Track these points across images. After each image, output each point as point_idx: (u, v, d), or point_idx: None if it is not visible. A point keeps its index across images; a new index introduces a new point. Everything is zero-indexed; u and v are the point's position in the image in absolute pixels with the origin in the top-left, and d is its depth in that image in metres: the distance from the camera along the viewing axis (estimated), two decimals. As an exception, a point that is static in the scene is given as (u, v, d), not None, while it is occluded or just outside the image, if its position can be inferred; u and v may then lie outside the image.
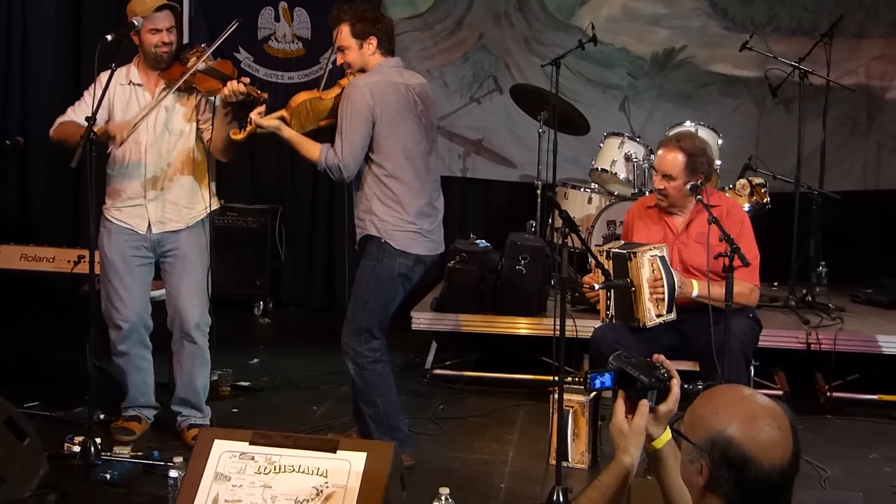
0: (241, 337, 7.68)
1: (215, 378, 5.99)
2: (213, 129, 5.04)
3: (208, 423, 5.33)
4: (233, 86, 4.85)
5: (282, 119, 4.79)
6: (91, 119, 4.71)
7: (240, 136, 4.82)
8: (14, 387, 5.29)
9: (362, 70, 4.89)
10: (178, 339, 5.24)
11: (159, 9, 5.02)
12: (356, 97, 4.73)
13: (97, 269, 5.05)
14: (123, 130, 4.94)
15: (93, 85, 4.99)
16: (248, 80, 4.91)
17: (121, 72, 5.04)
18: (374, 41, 4.86)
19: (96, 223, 5.07)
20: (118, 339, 5.20)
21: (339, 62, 4.96)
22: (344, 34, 4.86)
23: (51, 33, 8.53)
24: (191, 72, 4.94)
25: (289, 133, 4.79)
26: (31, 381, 6.11)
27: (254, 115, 4.76)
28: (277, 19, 8.74)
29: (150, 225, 5.11)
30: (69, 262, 6.81)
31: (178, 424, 5.32)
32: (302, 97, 4.86)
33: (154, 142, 5.06)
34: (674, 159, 5.05)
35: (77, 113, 5.08)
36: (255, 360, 7.00)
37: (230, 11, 8.07)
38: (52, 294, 7.51)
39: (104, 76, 4.87)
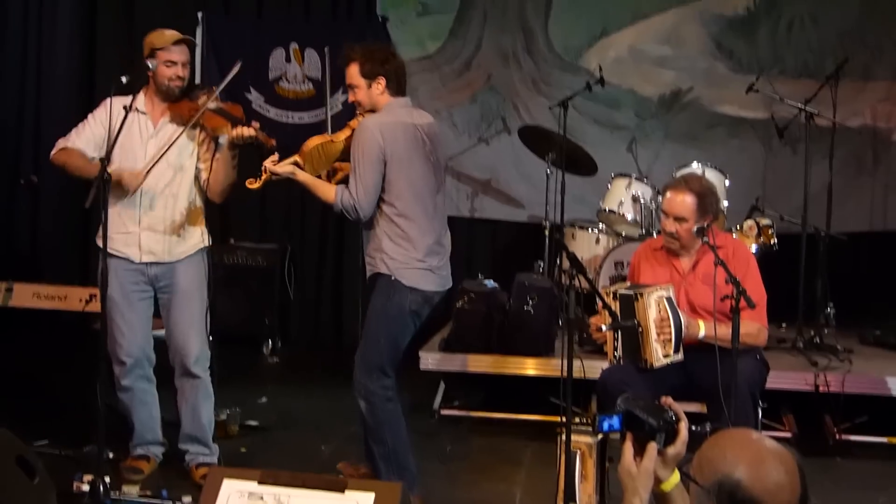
0: (249, 375, 7.69)
1: (224, 417, 5.99)
2: (211, 169, 5.08)
3: (216, 460, 5.33)
4: (241, 129, 4.89)
5: (295, 164, 4.84)
6: (105, 160, 4.73)
7: (256, 185, 4.86)
8: (24, 424, 5.29)
9: (372, 109, 4.93)
10: (180, 375, 5.25)
11: (177, 42, 5.07)
12: (367, 138, 4.77)
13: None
14: (135, 180, 4.97)
15: (101, 111, 5.03)
16: (258, 124, 4.95)
17: (126, 98, 5.00)
18: (382, 81, 4.90)
19: (106, 261, 5.09)
20: (122, 374, 5.21)
21: (349, 100, 5.02)
22: (353, 73, 4.91)
23: (64, 72, 8.61)
24: (202, 110, 4.98)
25: (303, 177, 4.84)
26: (42, 418, 6.11)
27: (268, 164, 4.80)
28: (288, 60, 8.82)
29: (141, 255, 5.11)
30: (81, 300, 6.89)
31: (187, 463, 5.32)
32: (314, 142, 4.91)
33: (153, 173, 5.05)
34: (684, 201, 5.06)
35: (81, 139, 5.09)
36: (264, 399, 7.00)
37: (241, 53, 8.15)
38: (63, 331, 7.55)
39: (108, 102, 4.92)
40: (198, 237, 5.21)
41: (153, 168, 5.00)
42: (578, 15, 8.64)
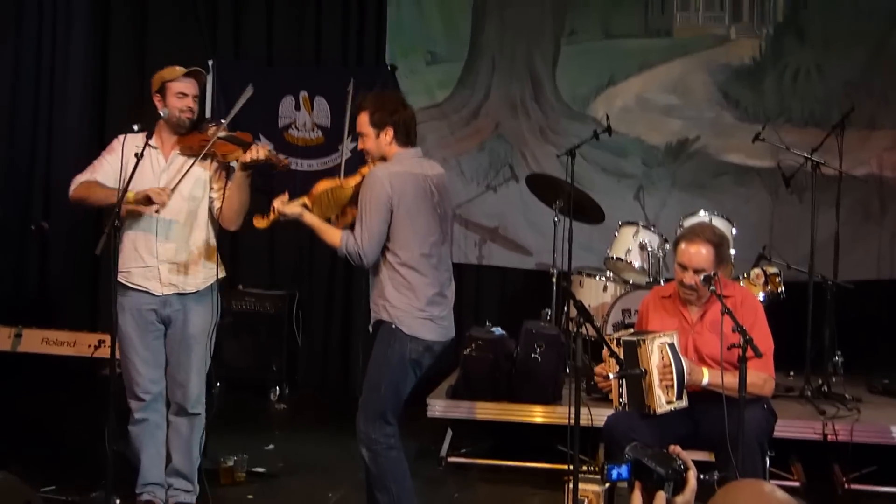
0: (256, 421, 7.68)
1: (230, 464, 6.00)
2: (224, 197, 5.12)
3: (194, 500, 5.36)
4: (254, 150, 4.94)
5: (304, 206, 4.87)
6: (117, 207, 4.77)
7: (263, 224, 4.89)
8: (32, 470, 5.30)
9: (382, 158, 4.97)
10: (176, 412, 5.29)
11: (189, 74, 5.14)
12: (376, 187, 4.80)
13: (118, 354, 5.08)
14: (164, 195, 4.96)
15: (115, 149, 5.07)
16: (269, 145, 4.98)
17: (136, 136, 5.04)
18: (390, 131, 4.92)
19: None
20: (138, 409, 5.24)
21: (358, 148, 5.04)
22: (363, 121, 4.94)
23: (75, 119, 8.68)
24: (213, 139, 5.00)
25: (310, 219, 4.87)
26: (49, 464, 6.12)
27: (277, 203, 4.84)
28: (298, 108, 8.89)
29: (163, 287, 5.15)
30: (89, 346, 6.90)
31: (167, 499, 5.34)
32: (323, 185, 4.94)
33: (169, 206, 5.08)
34: (699, 252, 5.07)
35: (98, 174, 5.14)
36: (271, 446, 6.99)
37: (251, 99, 8.22)
38: (71, 377, 7.56)
39: (120, 139, 5.01)
40: (213, 269, 5.24)
41: (176, 189, 5.02)
42: (586, 64, 8.71)
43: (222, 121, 5.25)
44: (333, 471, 6.42)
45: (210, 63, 8.71)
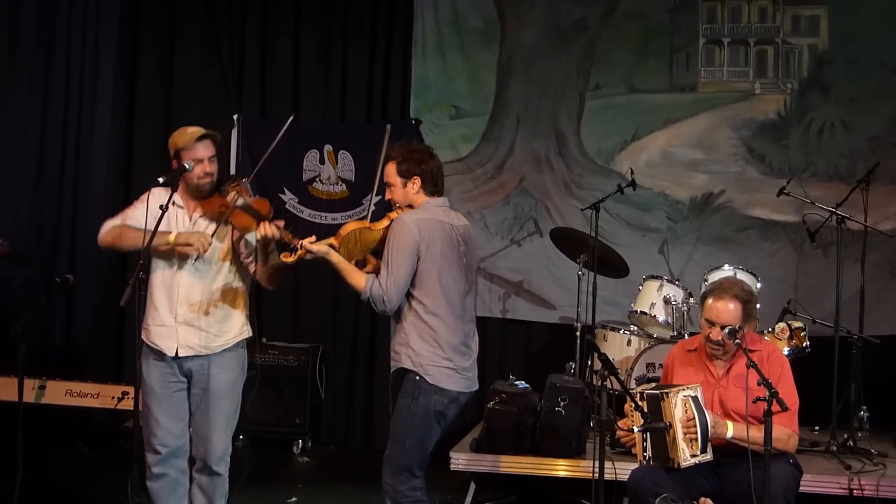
0: (279, 475, 7.66)
1: (254, 517, 5.98)
2: (256, 262, 5.10)
3: None
4: (265, 229, 4.88)
5: (330, 246, 4.87)
6: (142, 257, 4.79)
7: (290, 260, 4.83)
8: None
9: (409, 207, 5.00)
10: (200, 469, 5.22)
11: (200, 139, 5.08)
12: (403, 233, 4.82)
13: (141, 406, 5.08)
14: (204, 241, 4.95)
15: (142, 200, 5.07)
16: (282, 222, 4.95)
17: (163, 192, 5.04)
18: (418, 181, 4.97)
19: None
20: (154, 462, 5.17)
21: (387, 198, 5.08)
22: (390, 171, 4.99)
23: (101, 173, 8.75)
24: (231, 209, 4.97)
25: (336, 259, 4.85)
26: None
27: (305, 242, 4.81)
28: (322, 162, 8.95)
29: (177, 349, 5.10)
30: (113, 398, 6.90)
31: None
32: (351, 227, 4.94)
33: (189, 267, 5.08)
34: (727, 308, 5.08)
35: (129, 219, 5.13)
36: (294, 500, 6.97)
37: (277, 152, 8.28)
38: (93, 429, 7.57)
39: (154, 191, 5.01)
40: (236, 330, 5.20)
41: (214, 234, 5.02)
42: (610, 119, 8.74)
43: (245, 180, 5.25)
44: (356, 525, 6.41)
45: (235, 118, 8.80)
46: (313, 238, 4.87)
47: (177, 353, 5.10)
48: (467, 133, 8.89)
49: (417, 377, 4.84)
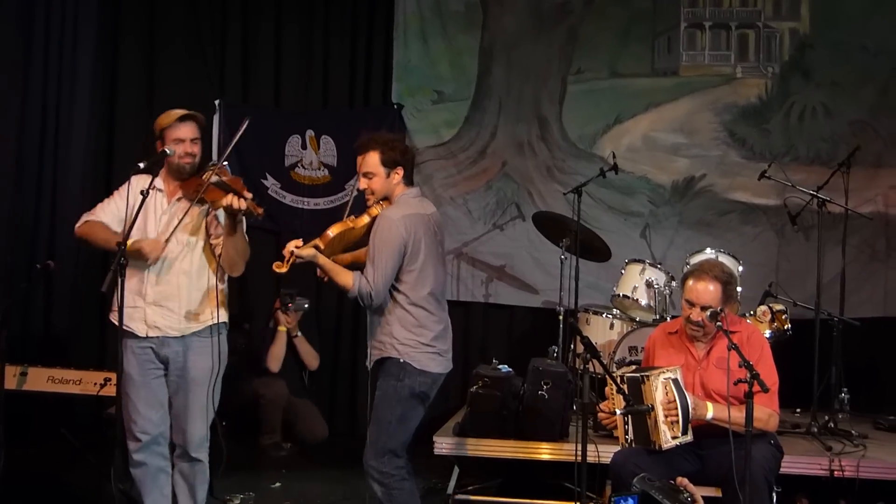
0: (263, 461, 7.67)
1: (237, 502, 5.98)
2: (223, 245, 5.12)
3: None
4: (231, 198, 4.89)
5: (316, 247, 4.88)
6: (122, 244, 4.79)
7: (283, 269, 4.84)
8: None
9: (385, 198, 5.01)
10: (180, 455, 5.25)
11: (184, 119, 5.14)
12: (391, 230, 4.87)
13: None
14: (156, 249, 5.01)
15: (124, 188, 5.09)
16: (250, 195, 4.95)
17: (144, 178, 5.07)
18: (401, 171, 5.01)
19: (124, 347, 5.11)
20: (136, 450, 5.19)
21: (361, 186, 5.07)
22: (373, 161, 4.99)
23: (81, 159, 8.70)
24: (206, 186, 4.98)
25: (324, 261, 4.89)
26: (55, 503, 6.11)
27: (293, 248, 4.82)
28: (304, 147, 8.94)
29: (147, 329, 5.12)
30: (95, 384, 6.87)
31: None
32: (337, 229, 4.97)
33: (159, 257, 5.10)
34: (706, 289, 5.12)
35: (105, 213, 5.17)
36: (278, 485, 6.98)
37: (257, 139, 8.28)
38: (76, 415, 7.55)
39: (135, 180, 5.01)
40: (208, 313, 5.19)
41: (171, 238, 5.05)
42: (593, 103, 8.74)
43: (223, 163, 5.26)
44: (340, 510, 6.42)
45: (217, 103, 8.77)
46: (300, 242, 4.89)
47: (147, 333, 5.11)
48: (449, 118, 8.89)
49: (402, 360, 4.89)
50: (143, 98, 8.93)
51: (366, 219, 5.01)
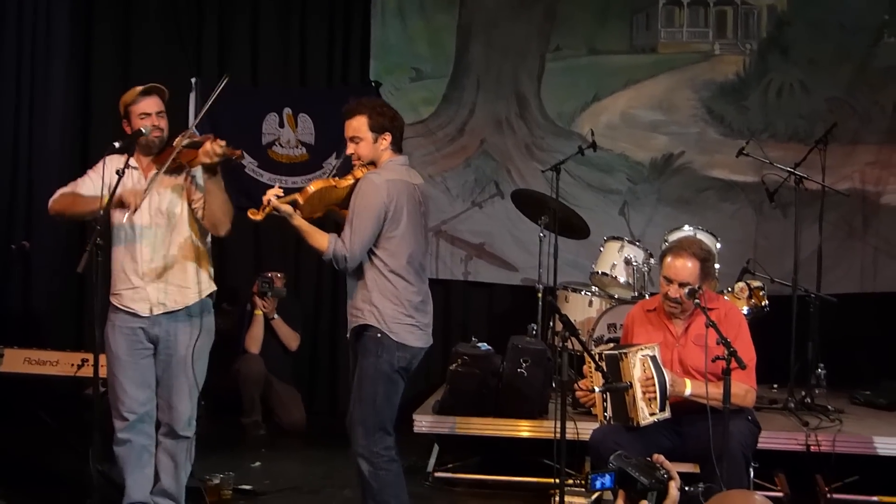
0: (243, 440, 7.66)
1: (217, 482, 5.97)
2: (204, 207, 5.09)
3: None
4: (207, 146, 4.86)
5: (295, 202, 4.82)
6: (98, 224, 4.75)
7: (258, 216, 4.77)
8: (15, 491, 5.28)
9: (371, 163, 4.96)
10: (166, 433, 5.25)
11: (146, 93, 5.10)
12: (373, 193, 4.80)
13: (102, 372, 5.05)
14: (137, 197, 4.95)
15: (98, 167, 5.07)
16: (223, 142, 4.92)
17: (119, 157, 5.00)
18: (388, 137, 4.94)
19: (101, 327, 5.09)
20: (122, 428, 5.18)
21: (348, 152, 5.00)
22: (361, 125, 4.92)
23: (57, 138, 8.65)
24: (178, 149, 4.96)
25: (299, 222, 4.80)
26: (33, 485, 6.10)
27: (272, 198, 4.75)
28: (282, 125, 8.90)
29: (151, 307, 5.12)
30: (72, 365, 6.86)
31: None
32: (319, 184, 4.89)
33: (148, 225, 5.10)
34: (685, 266, 5.13)
35: (81, 188, 5.13)
36: (258, 464, 6.98)
37: (234, 117, 8.24)
38: (54, 397, 7.52)
39: (109, 159, 4.97)
40: (206, 283, 5.23)
41: (147, 189, 5.02)
42: (571, 81, 8.74)
43: (190, 128, 5.21)
44: (320, 489, 6.42)
45: (193, 81, 8.72)
46: (280, 192, 4.82)
47: (151, 311, 5.11)
48: (428, 95, 8.86)
49: (379, 334, 4.84)
50: (118, 76, 8.85)
51: (350, 180, 4.91)
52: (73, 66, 8.84)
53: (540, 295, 7.56)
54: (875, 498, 6.25)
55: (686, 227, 7.25)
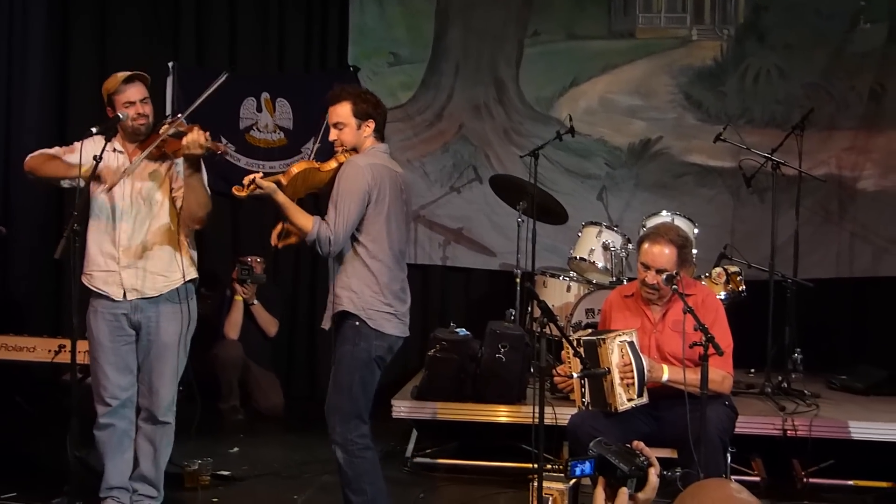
0: (221, 425, 7.66)
1: (195, 467, 5.97)
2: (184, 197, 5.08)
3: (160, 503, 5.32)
4: (192, 136, 4.85)
5: (278, 183, 4.79)
6: (76, 211, 4.73)
7: (242, 193, 4.74)
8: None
9: (354, 150, 4.94)
10: (146, 418, 5.24)
11: (129, 81, 5.07)
12: (357, 177, 4.78)
13: (80, 358, 5.03)
14: (115, 175, 4.97)
15: (75, 148, 5.03)
16: (207, 133, 4.91)
17: (99, 139, 4.97)
18: (372, 124, 4.92)
19: (79, 314, 5.05)
20: (103, 413, 5.16)
21: (331, 138, 4.96)
22: (345, 111, 4.89)
23: (34, 125, 8.60)
24: (161, 137, 4.94)
25: (283, 199, 4.76)
26: (10, 471, 6.07)
27: (256, 177, 4.74)
28: (259, 110, 8.87)
29: (125, 292, 5.10)
30: (50, 351, 6.83)
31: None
32: (301, 166, 4.85)
33: (128, 209, 5.07)
34: (662, 252, 5.13)
35: (61, 154, 5.11)
36: (236, 449, 6.97)
37: (212, 101, 8.18)
38: (32, 383, 7.50)
39: (88, 142, 4.92)
40: (180, 271, 5.18)
41: (128, 169, 5.00)
42: (549, 66, 8.75)
43: (179, 115, 5.18)
44: (299, 474, 6.41)
45: (171, 65, 8.68)
46: (261, 174, 4.81)
47: (125, 296, 5.08)
48: (406, 80, 8.86)
49: (357, 322, 4.82)
50: (95, 60, 8.82)
51: (333, 164, 4.88)
52: (50, 51, 8.78)
53: (518, 280, 7.57)
54: (851, 482, 6.29)
55: (664, 213, 7.27)
